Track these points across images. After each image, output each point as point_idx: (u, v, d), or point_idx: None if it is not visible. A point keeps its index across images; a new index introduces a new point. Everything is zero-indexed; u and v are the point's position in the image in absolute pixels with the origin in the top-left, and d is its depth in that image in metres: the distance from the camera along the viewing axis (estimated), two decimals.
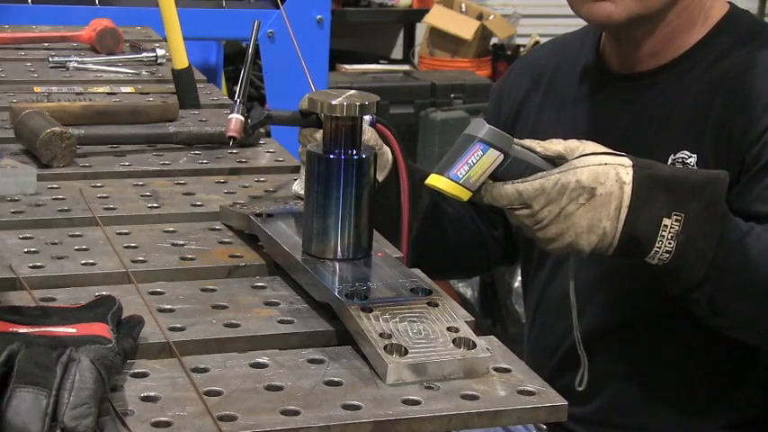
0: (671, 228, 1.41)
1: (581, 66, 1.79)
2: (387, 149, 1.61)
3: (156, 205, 1.60)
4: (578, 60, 1.80)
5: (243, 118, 1.48)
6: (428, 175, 1.39)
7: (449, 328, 1.17)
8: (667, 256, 1.41)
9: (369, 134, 1.54)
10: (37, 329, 1.10)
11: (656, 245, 1.41)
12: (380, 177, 1.62)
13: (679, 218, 1.41)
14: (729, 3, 1.71)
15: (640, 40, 1.67)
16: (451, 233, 1.87)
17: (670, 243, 1.41)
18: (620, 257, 1.44)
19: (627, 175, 1.39)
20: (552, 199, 1.39)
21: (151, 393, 1.06)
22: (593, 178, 1.38)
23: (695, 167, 1.59)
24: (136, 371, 1.10)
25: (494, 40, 7.01)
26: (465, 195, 1.38)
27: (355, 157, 1.31)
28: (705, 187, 1.42)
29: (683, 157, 1.61)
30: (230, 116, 1.49)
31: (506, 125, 1.84)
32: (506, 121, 1.85)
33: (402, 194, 1.45)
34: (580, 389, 1.53)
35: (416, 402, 1.07)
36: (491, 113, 1.92)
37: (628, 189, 1.39)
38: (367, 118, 1.47)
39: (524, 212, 1.40)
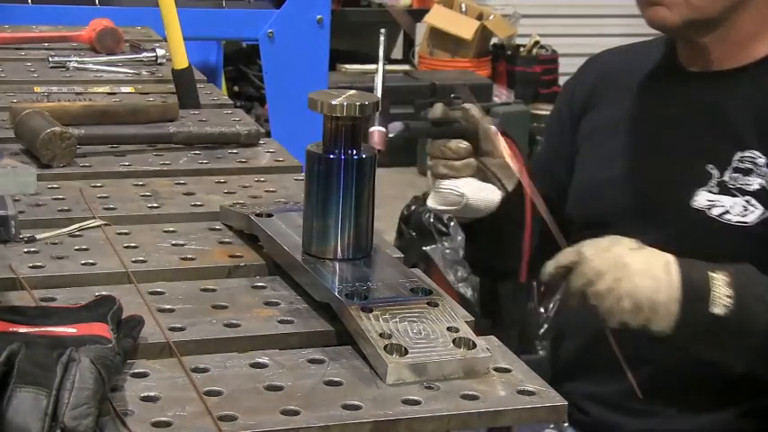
0: (721, 278, 1.47)
1: (651, 64, 1.81)
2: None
3: (156, 205, 1.60)
4: (649, 60, 1.82)
5: (384, 130, 1.49)
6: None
7: (449, 328, 1.17)
8: (729, 300, 1.46)
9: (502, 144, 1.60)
10: (37, 329, 1.10)
11: (713, 290, 1.46)
12: (509, 187, 1.66)
13: (725, 274, 1.47)
14: None
15: (707, 42, 1.68)
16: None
17: (726, 289, 1.46)
18: (685, 316, 1.47)
19: (669, 256, 1.50)
20: (604, 248, 1.47)
21: (151, 393, 1.06)
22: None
23: (763, 168, 1.61)
24: (136, 371, 1.10)
25: (494, 40, 7.02)
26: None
27: (355, 157, 1.31)
28: (738, 266, 1.50)
29: (751, 157, 1.63)
30: (372, 129, 1.49)
31: (575, 120, 1.86)
32: (574, 117, 1.87)
33: (525, 210, 1.54)
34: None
35: (416, 402, 1.07)
36: (560, 109, 1.93)
37: (671, 257, 1.48)
38: (398, 125, 1.54)
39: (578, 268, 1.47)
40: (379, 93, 1.51)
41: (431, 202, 1.62)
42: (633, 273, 1.46)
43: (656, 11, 1.65)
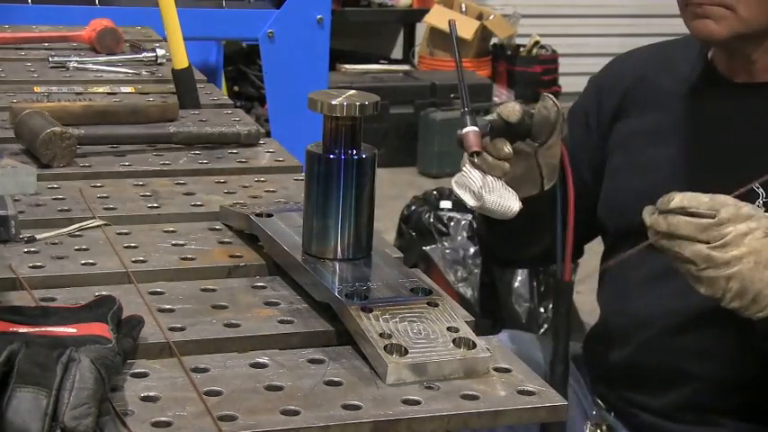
0: None
1: (689, 70, 1.76)
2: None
3: (156, 205, 1.60)
4: (686, 63, 1.77)
5: (479, 130, 1.45)
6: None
7: (449, 328, 1.17)
8: None
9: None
10: (37, 329, 1.10)
11: None
12: (547, 186, 1.60)
13: None
14: None
15: (750, 54, 1.66)
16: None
17: None
18: None
19: None
20: (743, 217, 1.39)
21: (151, 393, 1.06)
22: None
23: None
24: (136, 371, 1.10)
25: (494, 40, 7.02)
26: None
27: (355, 157, 1.31)
28: None
29: None
30: (465, 130, 1.45)
31: (605, 121, 1.82)
32: (603, 118, 1.83)
33: (569, 213, 1.50)
34: None
35: (416, 402, 1.07)
36: (588, 107, 1.87)
37: None
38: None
39: (704, 222, 1.39)
40: (463, 90, 1.47)
41: (454, 181, 1.56)
42: (759, 264, 1.39)
43: (704, 24, 1.61)
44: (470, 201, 1.50)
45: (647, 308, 1.71)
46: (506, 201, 1.50)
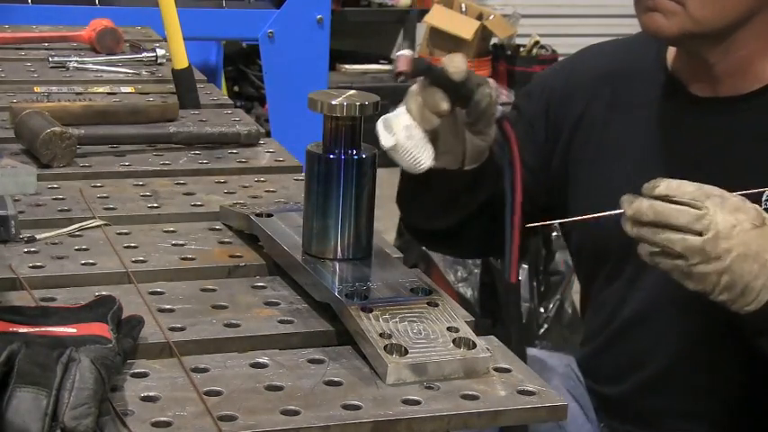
0: None
1: (653, 81, 1.70)
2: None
3: (156, 205, 1.60)
4: (648, 74, 1.71)
5: (411, 52, 1.37)
6: None
7: (449, 328, 1.17)
8: None
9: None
10: (37, 329, 1.10)
11: None
12: (468, 165, 1.52)
13: None
14: None
15: (707, 57, 1.60)
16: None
17: None
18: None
19: None
20: (730, 208, 1.35)
21: (151, 393, 1.06)
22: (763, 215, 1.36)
23: None
24: (136, 371, 1.10)
25: (494, 40, 7.01)
26: None
27: (355, 157, 1.31)
28: None
29: None
30: (400, 53, 1.37)
31: (562, 133, 1.75)
32: (562, 129, 1.75)
33: (515, 203, 1.41)
34: None
35: (416, 402, 1.07)
36: (533, 110, 1.79)
37: None
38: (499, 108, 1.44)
39: (698, 212, 1.33)
40: None
41: (381, 119, 1.43)
42: (747, 256, 1.35)
43: (653, 18, 1.56)
44: (387, 140, 1.41)
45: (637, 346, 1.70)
46: (419, 154, 1.41)
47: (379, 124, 1.40)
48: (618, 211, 1.38)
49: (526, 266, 4.00)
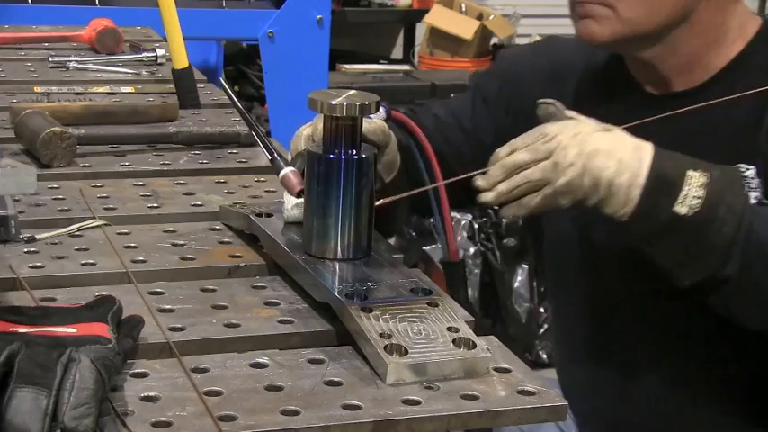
0: (698, 178, 1.37)
1: (612, 79, 1.71)
2: (393, 148, 1.54)
3: (156, 205, 1.60)
4: (610, 71, 1.72)
5: (295, 169, 1.38)
6: None
7: (449, 328, 1.17)
8: (698, 202, 1.36)
9: (374, 126, 1.47)
10: (37, 329, 1.10)
11: (685, 188, 1.36)
12: (388, 178, 1.55)
13: (704, 175, 1.37)
14: (761, 17, 1.64)
15: (650, 60, 1.61)
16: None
17: (698, 190, 1.36)
18: (645, 207, 1.37)
19: (644, 143, 1.39)
20: (569, 125, 1.38)
21: (151, 393, 1.06)
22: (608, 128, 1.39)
23: (756, 179, 1.53)
24: (136, 371, 1.10)
25: (494, 40, 7.01)
26: None
27: (355, 157, 1.31)
28: (725, 167, 1.41)
29: (739, 171, 1.53)
30: (283, 172, 1.37)
31: (516, 114, 1.74)
32: (516, 110, 1.76)
33: (440, 189, 1.42)
34: None
35: (416, 402, 1.07)
36: (489, 85, 1.80)
37: (647, 145, 1.39)
38: (381, 111, 1.45)
39: (537, 144, 1.36)
40: (260, 138, 1.42)
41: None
42: (598, 152, 1.36)
43: (586, 25, 1.58)
44: (288, 216, 1.42)
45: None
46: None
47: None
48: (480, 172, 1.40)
49: (526, 266, 4.01)
